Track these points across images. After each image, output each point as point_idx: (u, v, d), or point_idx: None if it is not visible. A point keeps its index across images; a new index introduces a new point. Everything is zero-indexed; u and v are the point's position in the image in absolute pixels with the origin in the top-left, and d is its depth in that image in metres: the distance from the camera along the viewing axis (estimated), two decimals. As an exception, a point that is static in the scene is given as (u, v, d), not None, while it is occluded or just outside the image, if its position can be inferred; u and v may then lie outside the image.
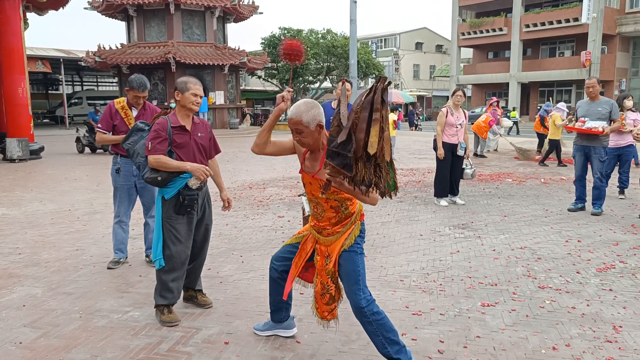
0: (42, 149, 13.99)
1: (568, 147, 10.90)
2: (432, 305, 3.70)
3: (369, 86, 2.31)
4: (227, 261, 4.77)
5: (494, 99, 14.67)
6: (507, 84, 39.46)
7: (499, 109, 14.29)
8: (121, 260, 4.65)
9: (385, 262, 4.71)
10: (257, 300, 3.81)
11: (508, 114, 22.98)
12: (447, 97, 43.49)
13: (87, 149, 15.52)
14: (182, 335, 3.23)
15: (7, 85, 13.59)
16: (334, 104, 5.78)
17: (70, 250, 5.14)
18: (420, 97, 48.54)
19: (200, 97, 3.49)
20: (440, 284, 4.12)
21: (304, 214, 5.29)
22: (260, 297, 3.86)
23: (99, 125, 4.54)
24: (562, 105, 11.99)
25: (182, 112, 3.46)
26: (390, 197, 2.39)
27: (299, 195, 5.56)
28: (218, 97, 24.58)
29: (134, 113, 4.50)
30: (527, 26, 37.53)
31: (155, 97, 24.10)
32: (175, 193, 3.36)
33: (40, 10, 17.90)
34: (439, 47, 54.31)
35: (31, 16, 17.60)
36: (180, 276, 3.45)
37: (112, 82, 44.22)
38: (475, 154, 13.07)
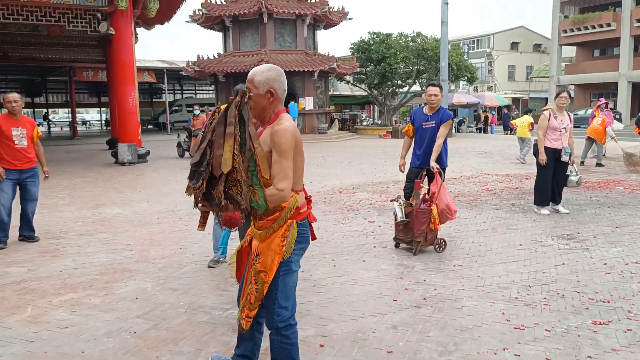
0: (148, 153, 15.08)
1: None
2: (536, 320, 3.49)
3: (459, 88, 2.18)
4: (319, 264, 4.84)
5: (602, 100, 13.54)
6: (616, 83, 36.38)
7: (607, 110, 13.15)
8: (220, 259, 4.87)
9: (483, 272, 4.52)
10: (351, 304, 3.82)
11: (618, 116, 21.16)
12: (546, 99, 41.01)
13: (186, 153, 16.50)
14: (279, 335, 3.32)
15: (119, 95, 14.83)
16: (425, 109, 5.65)
17: (175, 249, 5.48)
18: (515, 100, 46.20)
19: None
20: (545, 298, 3.87)
21: (396, 220, 5.24)
22: (354, 302, 3.86)
23: (200, 129, 4.79)
24: None
25: None
26: (261, 218, 2.35)
27: (391, 201, 5.51)
28: (307, 103, 25.07)
29: None
30: (639, 21, 34.41)
31: (248, 103, 25.02)
32: None
33: (148, 25, 19.39)
34: (536, 47, 51.41)
35: (140, 31, 19.12)
36: None
37: (209, 90, 46.69)
38: (582, 162, 12.12)
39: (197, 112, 13.21)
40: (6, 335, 3.34)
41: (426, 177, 5.53)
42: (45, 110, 42.68)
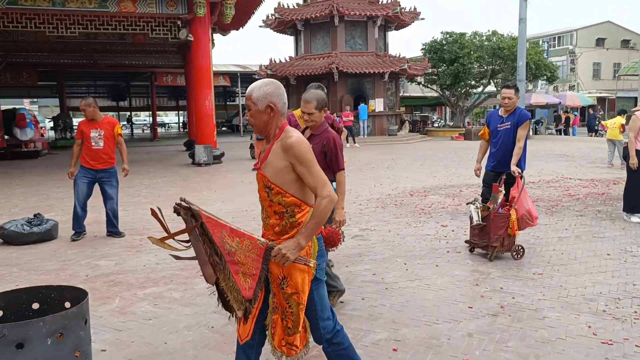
0: (222, 154, 15.63)
1: None
2: (625, 334, 3.25)
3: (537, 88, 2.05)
4: (391, 268, 4.79)
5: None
6: None
7: None
8: None
9: (565, 281, 4.27)
10: (424, 309, 3.75)
11: None
12: (635, 98, 38.16)
13: (259, 155, 16.96)
14: (352, 337, 3.30)
15: (197, 99, 15.50)
16: (500, 111, 5.42)
17: (249, 247, 5.63)
18: (601, 99, 43.38)
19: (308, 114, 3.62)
20: (635, 312, 3.60)
21: (471, 223, 5.08)
22: (427, 307, 3.79)
23: None
24: None
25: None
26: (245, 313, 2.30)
27: (467, 203, 5.34)
28: (377, 105, 24.93)
29: None
30: None
31: (318, 105, 25.30)
32: None
33: (224, 31, 20.12)
34: (625, 43, 47.96)
35: (216, 36, 19.88)
36: None
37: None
38: None
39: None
40: (97, 324, 3.58)
41: (505, 181, 5.32)
42: (128, 113, 45.46)
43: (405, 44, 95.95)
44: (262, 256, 2.22)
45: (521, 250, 4.95)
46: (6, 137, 18.78)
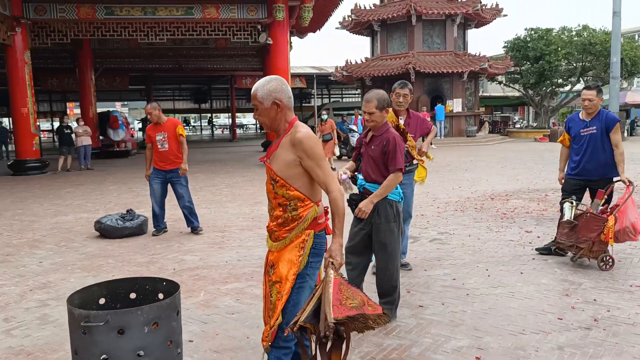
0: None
1: None
2: None
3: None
4: (472, 273, 4.63)
5: None
6: None
7: None
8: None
9: (668, 296, 3.93)
10: (508, 318, 3.60)
11: None
12: None
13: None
14: (432, 342, 3.25)
15: (274, 100, 15.88)
16: (582, 115, 5.04)
17: (326, 247, 5.68)
18: None
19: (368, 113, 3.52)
20: None
21: (561, 219, 4.80)
22: (512, 316, 3.63)
23: (329, 133, 4.85)
24: None
25: None
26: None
27: (562, 202, 4.96)
28: (455, 105, 24.25)
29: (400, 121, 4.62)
30: None
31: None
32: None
33: (302, 33, 20.48)
34: None
35: (293, 39, 20.25)
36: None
37: (354, 94, 47.72)
38: None
39: (325, 117, 13.44)
40: (184, 315, 3.74)
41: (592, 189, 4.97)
42: (209, 115, 47.44)
43: (485, 42, 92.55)
44: None
45: (610, 261, 4.58)
46: (100, 137, 20.27)
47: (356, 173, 3.78)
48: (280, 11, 14.71)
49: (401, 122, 4.39)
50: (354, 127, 16.66)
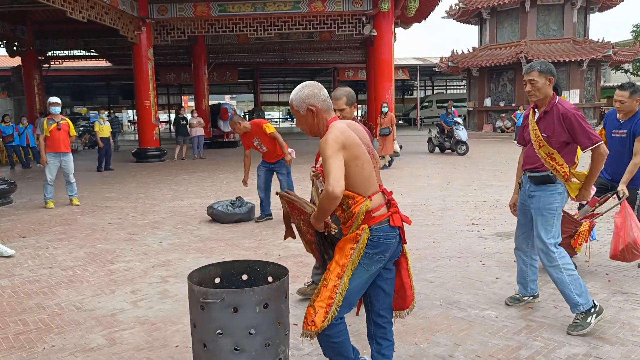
0: (400, 147, 15.69)
1: None
2: None
3: None
4: (589, 277, 4.30)
5: None
6: None
7: None
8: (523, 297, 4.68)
9: None
10: (633, 328, 3.29)
11: None
12: None
13: (436, 149, 16.63)
14: (543, 346, 3.08)
15: (378, 92, 15.78)
16: (619, 115, 4.40)
17: (428, 242, 5.59)
18: None
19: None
20: None
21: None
22: (637, 326, 3.32)
23: (388, 127, 4.68)
24: None
25: None
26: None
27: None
28: (572, 96, 22.47)
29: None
30: None
31: (503, 98, 23.85)
32: None
33: (406, 24, 20.13)
34: None
35: (397, 30, 19.97)
36: None
37: (459, 85, 46.08)
38: None
39: (385, 109, 12.84)
40: (290, 299, 3.90)
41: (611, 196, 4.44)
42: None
43: (611, 26, 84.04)
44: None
45: None
46: (212, 128, 21.58)
47: None
48: (385, 2, 14.57)
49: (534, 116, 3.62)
50: (459, 120, 16.03)
